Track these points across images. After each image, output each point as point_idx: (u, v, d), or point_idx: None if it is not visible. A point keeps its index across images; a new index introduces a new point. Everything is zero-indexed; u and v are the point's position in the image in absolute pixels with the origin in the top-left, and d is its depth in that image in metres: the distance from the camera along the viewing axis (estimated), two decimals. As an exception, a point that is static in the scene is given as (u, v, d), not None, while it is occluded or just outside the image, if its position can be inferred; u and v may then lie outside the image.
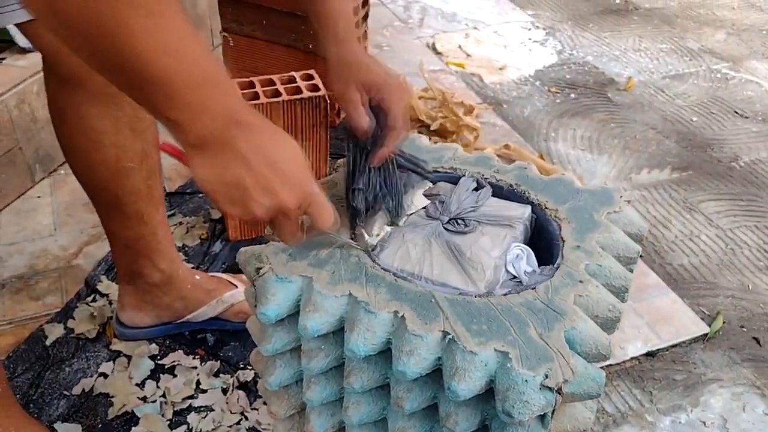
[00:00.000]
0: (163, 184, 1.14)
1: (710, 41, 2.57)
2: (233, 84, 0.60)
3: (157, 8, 0.54)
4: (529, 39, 2.51)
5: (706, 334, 1.38)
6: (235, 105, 0.63)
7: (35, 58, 1.60)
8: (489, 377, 0.67)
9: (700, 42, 2.56)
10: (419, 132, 1.84)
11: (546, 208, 0.87)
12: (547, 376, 0.65)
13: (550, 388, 0.64)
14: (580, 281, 0.76)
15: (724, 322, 1.42)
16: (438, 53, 2.37)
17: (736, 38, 2.59)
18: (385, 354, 0.72)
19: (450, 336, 0.68)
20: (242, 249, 0.81)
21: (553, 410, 0.66)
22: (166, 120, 0.60)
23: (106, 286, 1.35)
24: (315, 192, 0.69)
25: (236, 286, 1.25)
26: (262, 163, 0.64)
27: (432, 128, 1.82)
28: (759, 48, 2.53)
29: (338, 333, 0.74)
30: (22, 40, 1.60)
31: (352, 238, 0.80)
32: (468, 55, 2.38)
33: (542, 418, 0.68)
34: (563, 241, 0.82)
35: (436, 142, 1.41)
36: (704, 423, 1.21)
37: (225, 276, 1.28)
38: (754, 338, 1.39)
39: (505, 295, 0.74)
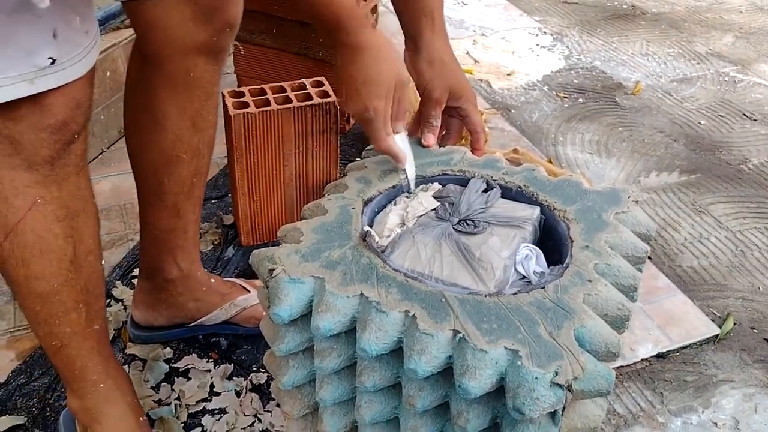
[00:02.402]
0: (205, 187, 1.17)
1: (718, 45, 2.57)
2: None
3: None
4: (537, 45, 2.52)
5: (717, 336, 1.38)
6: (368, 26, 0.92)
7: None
8: (499, 375, 0.68)
9: (708, 45, 2.56)
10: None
11: (554, 209, 0.88)
12: (557, 373, 0.66)
13: (560, 385, 0.65)
14: (589, 280, 0.77)
15: (734, 324, 1.42)
16: (446, 59, 2.39)
17: (744, 41, 2.59)
18: (396, 353, 0.74)
19: (461, 335, 0.69)
20: (255, 251, 0.82)
21: (564, 407, 0.67)
22: (337, 28, 0.90)
23: (121, 291, 1.37)
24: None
25: (249, 291, 1.27)
26: (387, 67, 0.91)
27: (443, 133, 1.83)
28: (767, 51, 2.53)
29: (350, 333, 0.76)
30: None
31: (363, 239, 0.82)
32: (476, 61, 2.40)
33: (553, 415, 0.69)
34: (572, 241, 0.83)
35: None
36: (716, 424, 1.22)
37: (239, 281, 1.30)
38: (765, 339, 1.39)
39: (515, 294, 0.75)
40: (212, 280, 1.25)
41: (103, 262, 0.99)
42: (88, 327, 0.95)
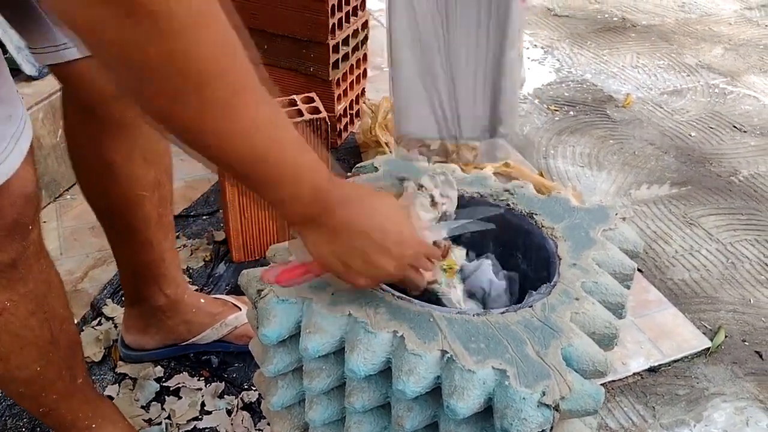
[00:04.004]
0: (173, 211, 1.16)
1: (708, 57, 2.59)
2: (317, 161, 0.64)
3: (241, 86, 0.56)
4: (528, 58, 2.54)
5: (708, 349, 1.38)
6: (324, 183, 0.64)
7: (41, 86, 1.63)
8: (487, 395, 0.68)
9: (698, 57, 2.58)
10: (419, 152, 1.85)
11: (543, 226, 0.89)
12: (544, 393, 0.66)
13: (547, 405, 0.65)
14: (577, 299, 0.77)
15: (726, 337, 1.42)
16: (438, 73, 2.40)
17: (733, 53, 2.62)
18: (385, 373, 0.73)
19: (448, 355, 0.69)
20: (244, 271, 0.82)
21: (551, 427, 0.67)
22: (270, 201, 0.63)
23: (112, 309, 1.37)
24: (424, 242, 0.75)
25: (240, 309, 1.27)
26: (376, 229, 0.67)
27: (432, 147, 1.84)
28: (756, 62, 2.55)
29: (339, 353, 0.76)
30: (28, 68, 1.63)
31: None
32: (467, 75, 2.41)
33: (540, 435, 0.68)
34: (560, 259, 0.83)
35: (435, 162, 1.42)
36: (708, 438, 1.22)
37: (229, 298, 1.30)
38: (756, 352, 1.40)
39: (503, 313, 0.75)
40: (201, 301, 1.25)
41: (74, 319, 0.98)
42: (72, 386, 0.95)
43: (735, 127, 2.16)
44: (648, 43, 2.69)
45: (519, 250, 0.93)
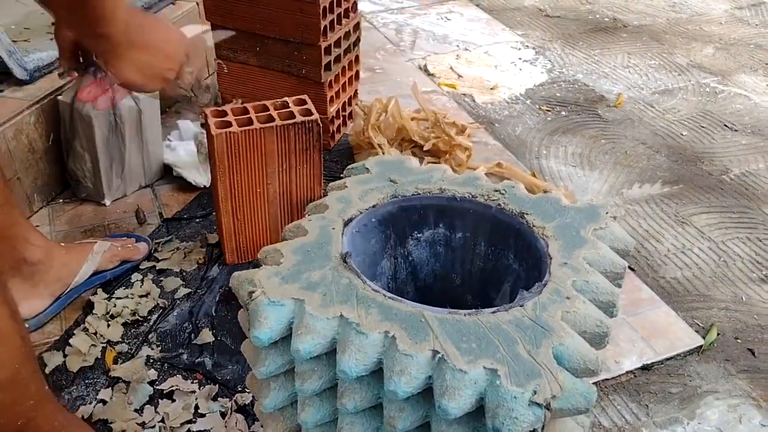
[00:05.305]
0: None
1: (699, 56, 2.60)
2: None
3: None
4: (520, 59, 2.54)
5: (701, 347, 1.39)
6: (130, 14, 0.93)
7: (32, 90, 1.63)
8: (479, 395, 0.68)
9: (689, 57, 2.59)
10: (413, 152, 1.86)
11: (533, 226, 0.89)
12: (535, 392, 0.66)
13: (538, 404, 0.66)
14: (568, 298, 0.77)
15: (718, 334, 1.43)
16: (430, 75, 2.41)
17: (724, 52, 2.63)
18: (377, 374, 0.74)
19: (440, 355, 0.70)
20: (235, 273, 0.82)
21: (543, 426, 0.67)
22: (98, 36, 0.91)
23: (103, 306, 1.36)
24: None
25: (95, 242, 1.40)
26: (161, 45, 1.00)
27: (425, 148, 1.84)
28: (747, 62, 2.56)
29: (331, 354, 0.76)
30: (19, 72, 1.63)
31: (344, 260, 0.82)
32: (459, 76, 2.41)
33: (532, 433, 0.69)
34: (551, 258, 0.83)
35: (428, 163, 1.42)
36: (701, 435, 1.22)
37: (80, 241, 1.43)
38: (749, 349, 1.40)
39: (494, 313, 0.76)
40: (62, 244, 1.38)
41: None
42: (43, 390, 0.97)
43: (726, 125, 2.17)
44: (639, 43, 2.70)
45: (510, 251, 0.93)
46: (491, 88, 2.34)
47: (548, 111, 2.22)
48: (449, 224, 0.97)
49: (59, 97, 1.60)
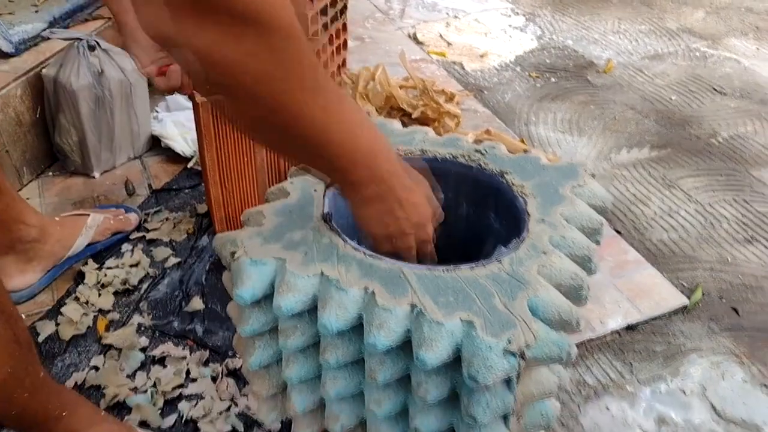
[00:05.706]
0: None
1: (689, 20, 2.59)
2: (389, 145, 0.77)
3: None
4: (509, 26, 2.53)
5: (686, 307, 1.41)
6: (395, 167, 0.75)
7: (18, 63, 1.62)
8: (455, 346, 0.69)
9: (679, 22, 2.58)
10: (401, 120, 1.86)
11: (513, 184, 0.90)
12: (509, 342, 0.68)
13: (512, 353, 0.67)
14: (544, 252, 0.78)
15: (703, 294, 1.45)
16: (419, 43, 2.40)
17: (714, 17, 2.62)
18: (358, 329, 0.75)
19: (418, 308, 0.71)
20: (218, 235, 0.83)
21: (518, 374, 0.69)
22: (342, 182, 0.75)
23: (94, 276, 1.38)
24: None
25: (88, 215, 1.42)
26: (410, 202, 0.78)
27: (413, 116, 1.84)
28: (737, 26, 2.55)
29: (313, 311, 0.77)
30: (4, 45, 1.62)
31: (325, 220, 0.83)
32: (449, 44, 2.40)
33: (508, 382, 0.70)
34: (529, 216, 0.85)
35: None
36: (684, 392, 1.24)
37: (70, 213, 1.44)
38: (733, 308, 1.42)
39: (472, 268, 0.77)
40: (57, 219, 1.39)
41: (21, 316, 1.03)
42: (37, 380, 0.96)
43: (715, 89, 2.17)
44: (629, 8, 2.69)
45: (491, 210, 0.94)
46: (481, 56, 2.33)
47: (538, 78, 2.22)
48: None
49: (43, 71, 1.60)
